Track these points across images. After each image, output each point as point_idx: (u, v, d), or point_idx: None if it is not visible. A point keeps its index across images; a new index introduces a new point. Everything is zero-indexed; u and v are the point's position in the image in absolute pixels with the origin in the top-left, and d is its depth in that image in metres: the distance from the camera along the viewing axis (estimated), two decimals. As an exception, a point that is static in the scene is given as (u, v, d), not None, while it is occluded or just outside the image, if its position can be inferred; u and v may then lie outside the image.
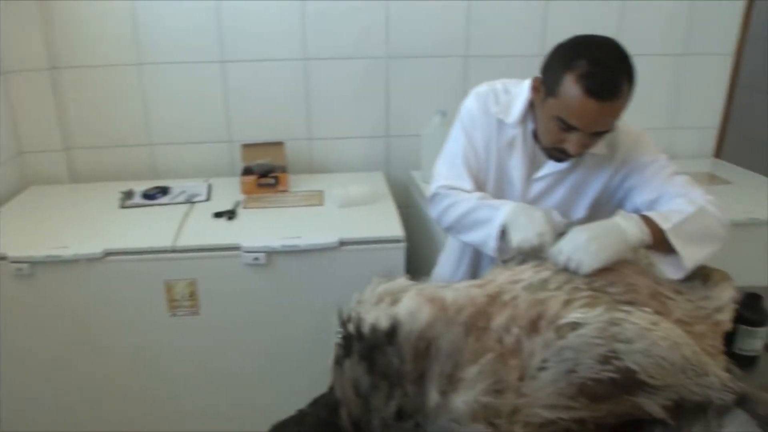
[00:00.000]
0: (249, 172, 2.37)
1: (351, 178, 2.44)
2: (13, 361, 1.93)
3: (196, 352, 2.00)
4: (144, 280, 1.91)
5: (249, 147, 2.44)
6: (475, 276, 1.56)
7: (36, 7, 2.26)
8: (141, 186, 2.35)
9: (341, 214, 2.14)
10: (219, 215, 2.10)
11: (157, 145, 2.52)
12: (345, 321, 1.06)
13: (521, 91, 1.41)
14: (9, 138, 2.32)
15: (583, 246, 1.16)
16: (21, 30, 2.26)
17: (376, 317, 1.01)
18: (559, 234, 1.24)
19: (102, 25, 2.33)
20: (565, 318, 1.02)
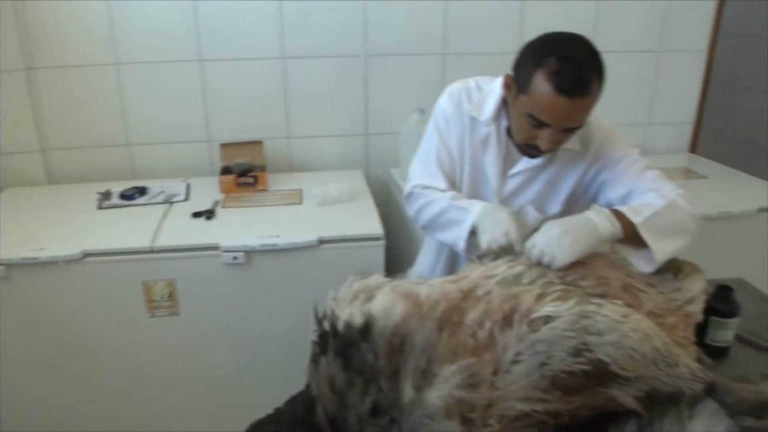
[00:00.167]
0: (228, 171, 2.36)
1: (330, 176, 2.44)
2: (-9, 365, 1.91)
3: (175, 352, 2.00)
4: (123, 281, 1.90)
5: (227, 146, 2.43)
6: (453, 273, 1.57)
7: (10, 7, 2.23)
8: (119, 187, 2.33)
9: (320, 212, 2.14)
10: (198, 215, 2.09)
11: (135, 146, 2.50)
12: (320, 319, 1.06)
13: (494, 89, 1.42)
14: (-16, 140, 2.30)
15: (557, 240, 1.18)
16: (-5, 30, 2.23)
17: (350, 314, 1.01)
18: (534, 230, 1.26)
19: (78, 25, 2.31)
20: (538, 312, 1.03)
